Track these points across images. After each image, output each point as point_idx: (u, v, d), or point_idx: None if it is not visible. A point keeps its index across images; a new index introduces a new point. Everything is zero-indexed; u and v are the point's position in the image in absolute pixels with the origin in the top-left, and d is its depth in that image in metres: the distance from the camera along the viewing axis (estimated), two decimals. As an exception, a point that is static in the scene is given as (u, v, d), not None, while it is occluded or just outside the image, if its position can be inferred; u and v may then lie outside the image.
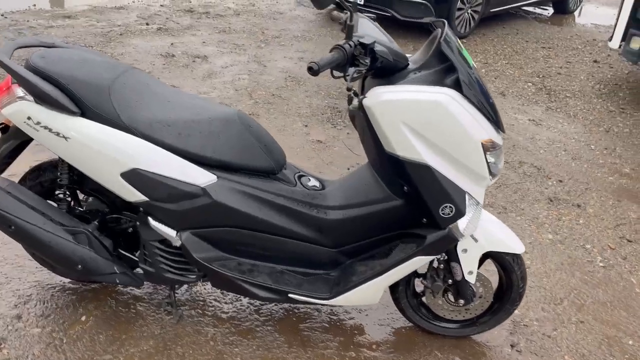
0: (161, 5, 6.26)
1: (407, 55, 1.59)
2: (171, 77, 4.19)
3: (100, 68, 1.67)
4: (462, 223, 1.63)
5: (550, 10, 7.57)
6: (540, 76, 4.99)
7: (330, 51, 1.41)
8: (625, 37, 4.28)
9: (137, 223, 1.76)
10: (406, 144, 1.52)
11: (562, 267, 2.50)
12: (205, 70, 4.44)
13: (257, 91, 4.11)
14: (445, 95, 1.49)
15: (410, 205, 1.66)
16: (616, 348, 2.07)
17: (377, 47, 1.45)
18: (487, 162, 1.57)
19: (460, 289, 1.85)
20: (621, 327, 2.18)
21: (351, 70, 1.43)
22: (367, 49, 1.44)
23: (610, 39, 4.52)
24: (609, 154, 3.64)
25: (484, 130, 1.55)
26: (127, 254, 1.87)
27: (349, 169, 3.15)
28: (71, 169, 1.77)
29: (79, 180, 1.81)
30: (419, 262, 1.70)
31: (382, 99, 1.49)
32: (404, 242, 1.73)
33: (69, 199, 1.85)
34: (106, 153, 1.59)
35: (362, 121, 1.61)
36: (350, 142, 3.45)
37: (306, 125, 3.64)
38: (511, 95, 4.52)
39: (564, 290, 2.35)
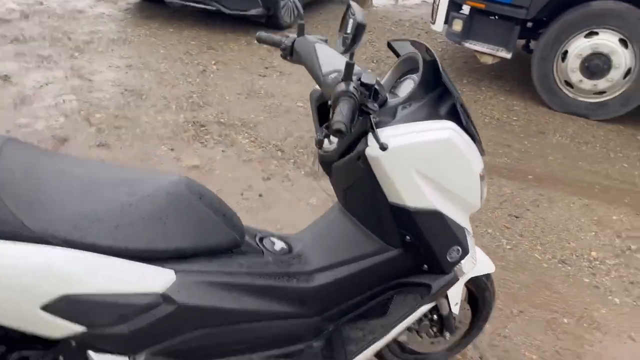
0: None
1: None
2: (-31, 110, 3.23)
3: None
4: (464, 262, 1.49)
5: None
6: (375, 61, 5.16)
7: (335, 101, 1.11)
8: (447, 20, 4.62)
9: None
10: (417, 193, 1.31)
11: (480, 258, 2.58)
12: (13, 94, 3.52)
13: (94, 114, 3.41)
14: (451, 130, 1.31)
15: (409, 253, 1.46)
16: (558, 330, 2.20)
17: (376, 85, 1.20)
18: (481, 192, 1.45)
19: (446, 323, 1.73)
20: (552, 308, 2.33)
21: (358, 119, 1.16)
22: (372, 90, 1.17)
23: (433, 22, 4.85)
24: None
25: (478, 159, 1.42)
26: None
27: (242, 194, 2.81)
28: None
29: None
30: (422, 312, 1.53)
31: (391, 147, 1.24)
32: (400, 293, 1.53)
33: None
34: (12, 284, 1.04)
35: (355, 172, 1.34)
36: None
37: (172, 149, 3.14)
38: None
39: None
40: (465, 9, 4.55)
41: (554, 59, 4.35)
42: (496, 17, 4.41)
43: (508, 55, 4.42)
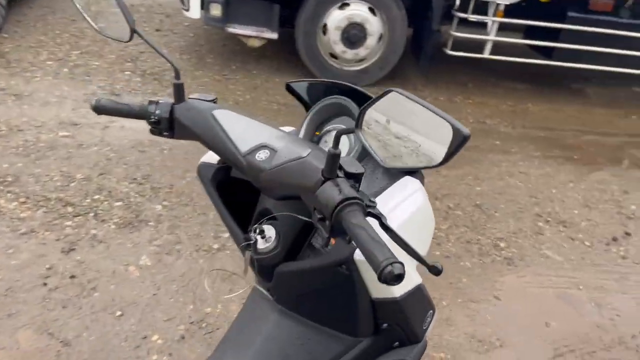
0: None
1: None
2: None
3: None
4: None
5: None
6: (132, 59, 4.46)
7: (338, 220, 0.75)
8: (204, 5, 4.23)
9: None
10: (406, 277, 1.04)
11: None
12: None
13: None
14: (419, 189, 1.07)
15: (383, 338, 1.20)
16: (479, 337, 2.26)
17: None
18: None
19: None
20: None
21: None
22: (360, 179, 0.85)
23: (187, 9, 4.37)
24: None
25: None
26: None
27: (45, 283, 2.07)
28: None
29: None
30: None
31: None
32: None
33: None
34: None
35: (328, 278, 0.99)
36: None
37: None
38: (124, 92, 3.89)
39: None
40: (220, -8, 4.22)
41: (316, 33, 4.40)
42: (253, -3, 4.21)
43: (274, 36, 4.29)
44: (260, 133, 0.96)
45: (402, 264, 0.68)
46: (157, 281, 2.19)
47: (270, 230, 1.03)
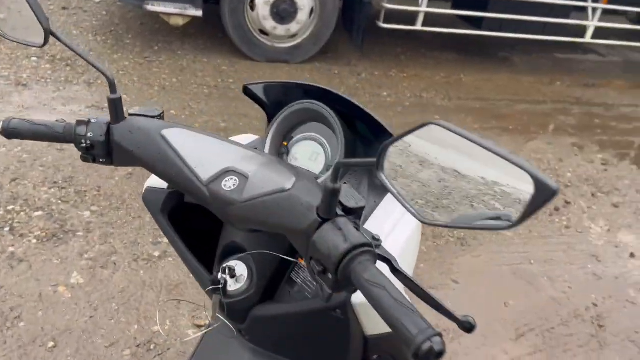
0: None
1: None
2: None
3: None
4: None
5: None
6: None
7: (353, 276, 0.60)
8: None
9: None
10: None
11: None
12: None
13: None
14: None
15: None
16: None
17: None
18: None
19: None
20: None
21: None
22: (361, 214, 0.70)
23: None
24: (194, 113, 3.41)
25: None
26: None
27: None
28: None
29: None
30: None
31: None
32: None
33: None
34: None
35: (319, 324, 0.84)
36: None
37: None
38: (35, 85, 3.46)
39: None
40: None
41: (243, 8, 4.13)
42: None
43: (199, 13, 3.98)
44: (223, 154, 0.78)
45: (440, 335, 0.54)
46: (93, 301, 1.95)
47: (241, 268, 0.86)
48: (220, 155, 0.78)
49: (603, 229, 2.89)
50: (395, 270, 0.66)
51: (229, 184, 0.74)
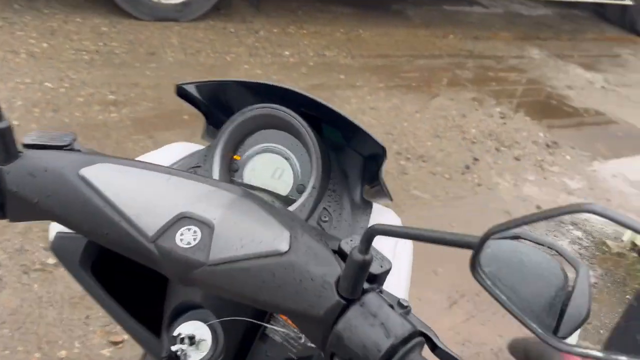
0: None
1: None
2: None
3: None
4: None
5: None
6: None
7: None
8: None
9: None
10: None
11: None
12: None
13: None
14: (398, 221, 0.80)
15: None
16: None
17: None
18: None
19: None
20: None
21: None
22: (385, 278, 0.53)
23: None
24: (74, 85, 2.94)
25: None
26: None
27: None
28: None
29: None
30: None
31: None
32: None
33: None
34: None
35: None
36: None
37: None
38: None
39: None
40: None
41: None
42: None
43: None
44: (170, 193, 0.56)
45: None
46: (-22, 331, 1.61)
47: (202, 331, 0.67)
48: (167, 195, 0.56)
49: (510, 183, 3.00)
50: (435, 347, 0.51)
51: (187, 237, 0.53)
